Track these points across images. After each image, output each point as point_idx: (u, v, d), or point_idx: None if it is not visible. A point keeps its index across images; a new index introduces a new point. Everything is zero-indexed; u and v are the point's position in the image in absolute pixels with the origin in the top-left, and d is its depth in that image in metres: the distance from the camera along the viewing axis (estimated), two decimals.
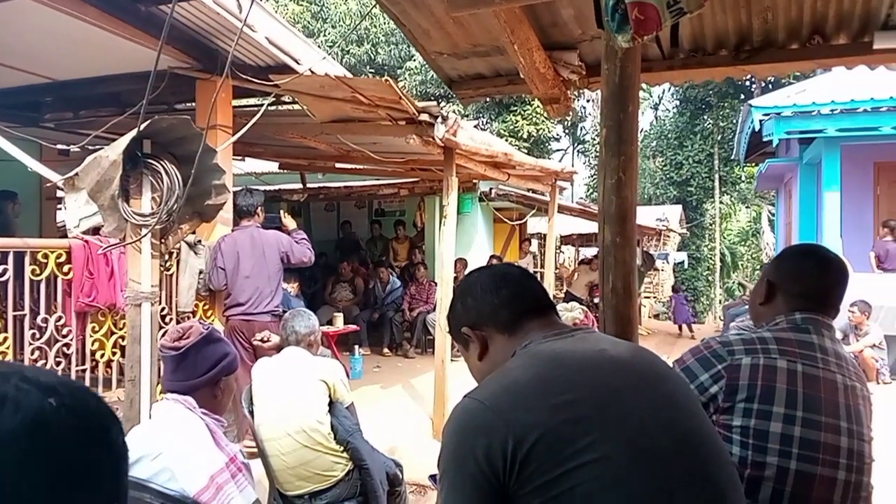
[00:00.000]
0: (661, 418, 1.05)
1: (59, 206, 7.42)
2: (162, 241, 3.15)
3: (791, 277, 1.61)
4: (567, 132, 27.94)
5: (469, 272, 1.40)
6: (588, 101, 25.32)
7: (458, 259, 8.09)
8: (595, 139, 24.49)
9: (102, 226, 3.07)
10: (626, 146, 2.01)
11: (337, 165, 7.88)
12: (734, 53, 3.01)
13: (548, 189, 8.35)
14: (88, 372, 3.85)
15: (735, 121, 17.25)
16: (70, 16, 3.79)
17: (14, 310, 3.63)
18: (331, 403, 2.97)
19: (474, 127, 6.29)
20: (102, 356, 3.91)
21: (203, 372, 1.85)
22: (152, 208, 3.01)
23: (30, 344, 3.56)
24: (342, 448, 2.94)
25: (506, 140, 13.28)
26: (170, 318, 4.18)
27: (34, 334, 3.59)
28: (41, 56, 4.79)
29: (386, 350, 8.40)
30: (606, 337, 1.30)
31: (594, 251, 13.04)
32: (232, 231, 4.69)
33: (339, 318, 7.20)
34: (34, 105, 5.89)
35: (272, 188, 9.23)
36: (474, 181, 8.99)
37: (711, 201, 22.23)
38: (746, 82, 20.16)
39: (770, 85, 17.08)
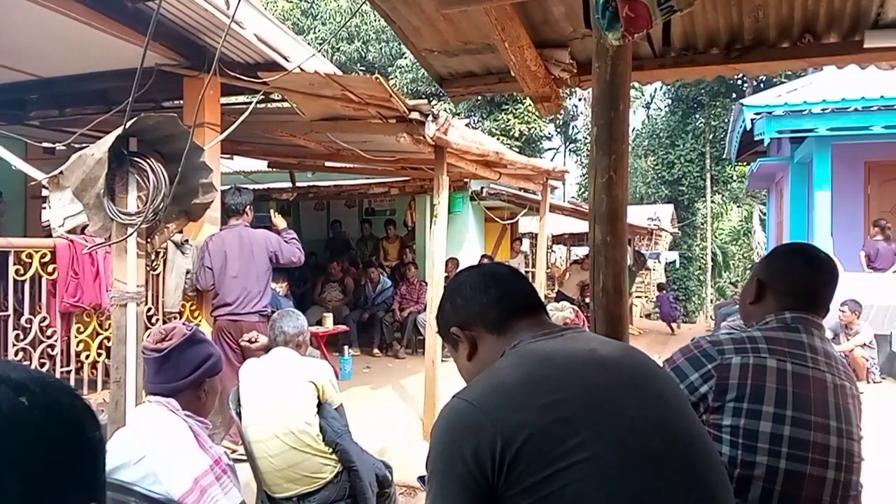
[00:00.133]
0: (651, 418, 1.04)
1: (45, 205, 7.35)
2: (148, 241, 3.12)
3: (781, 276, 1.61)
4: (559, 131, 27.97)
5: (458, 271, 1.39)
6: (580, 100, 25.34)
7: (450, 259, 8.08)
8: (587, 138, 24.50)
9: (87, 225, 3.04)
10: (617, 145, 1.99)
11: (327, 164, 7.85)
12: (725, 52, 3.01)
13: (539, 188, 8.34)
14: (73, 373, 3.81)
15: (727, 120, 17.33)
16: (56, 12, 3.74)
17: None
18: (319, 405, 2.95)
19: (466, 125, 6.27)
20: (87, 357, 3.87)
21: (186, 374, 1.82)
22: (138, 207, 2.98)
23: (13, 345, 3.52)
24: (331, 450, 2.91)
25: (497, 139, 13.27)
26: (156, 319, 4.14)
27: (18, 335, 3.55)
28: (26, 53, 4.74)
29: (376, 350, 8.38)
30: (596, 336, 1.30)
31: (586, 251, 13.06)
32: (220, 230, 4.65)
33: (329, 319, 7.17)
34: (19, 103, 5.83)
35: (261, 187, 9.19)
36: (465, 180, 8.98)
37: (703, 200, 22.32)
38: (738, 81, 20.26)
39: (762, 84, 17.17)
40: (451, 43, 3.11)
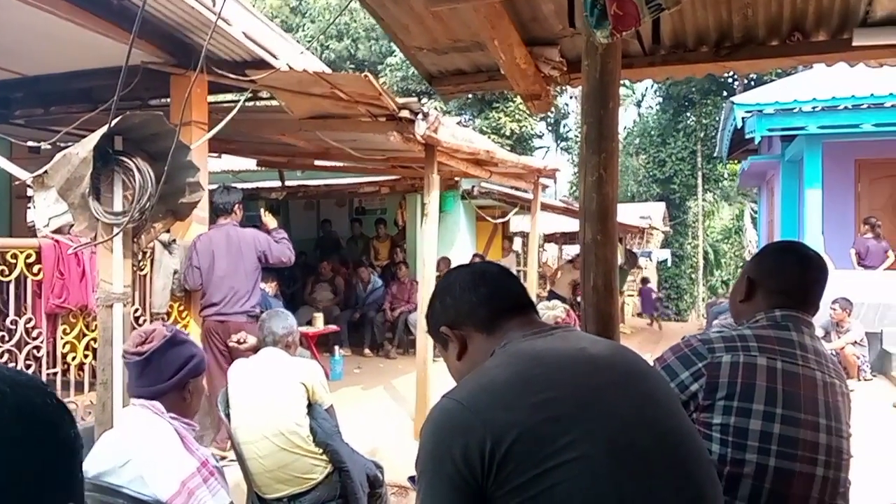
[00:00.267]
0: (641, 417, 1.05)
1: (30, 205, 7.27)
2: (134, 241, 3.08)
3: (771, 274, 1.62)
4: (550, 129, 28.00)
5: (448, 270, 1.39)
6: (571, 98, 25.36)
7: (442, 258, 8.06)
8: (578, 136, 24.56)
9: (73, 225, 3.00)
10: (607, 143, 1.99)
11: (316, 163, 7.81)
12: (715, 50, 3.01)
13: (530, 187, 8.34)
14: (60, 375, 3.77)
15: (718, 118, 17.40)
16: (40, 9, 3.69)
17: None
18: (310, 405, 2.93)
19: (456, 124, 6.25)
20: (74, 359, 3.83)
21: (169, 376, 1.79)
22: (124, 206, 2.94)
23: None
24: (321, 450, 2.89)
25: (488, 137, 13.25)
26: (143, 320, 4.10)
27: (3, 337, 3.50)
28: (11, 51, 4.68)
29: (367, 351, 8.35)
30: (586, 335, 1.30)
31: (578, 249, 13.08)
32: (208, 229, 4.61)
33: (319, 319, 7.13)
34: (3, 101, 5.75)
35: (250, 186, 9.13)
36: (456, 179, 8.96)
37: (694, 199, 22.40)
38: (729, 79, 20.36)
39: (752, 82, 17.25)
40: (441, 41, 3.10)
